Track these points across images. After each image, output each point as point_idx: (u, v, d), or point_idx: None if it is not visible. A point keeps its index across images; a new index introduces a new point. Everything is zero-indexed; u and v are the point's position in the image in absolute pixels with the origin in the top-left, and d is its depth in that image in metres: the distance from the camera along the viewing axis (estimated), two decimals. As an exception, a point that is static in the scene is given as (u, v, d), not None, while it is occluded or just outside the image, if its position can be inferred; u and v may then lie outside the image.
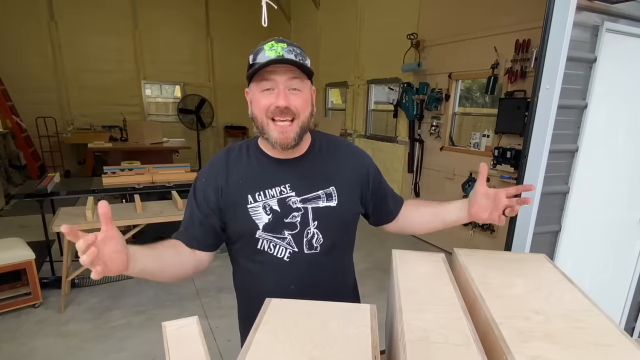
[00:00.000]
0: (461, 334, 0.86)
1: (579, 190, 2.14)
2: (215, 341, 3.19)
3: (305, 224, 1.25)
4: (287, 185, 1.25)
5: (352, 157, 1.37)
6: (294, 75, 1.15)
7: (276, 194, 1.24)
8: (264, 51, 1.15)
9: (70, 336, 3.20)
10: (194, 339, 1.08)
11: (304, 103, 1.18)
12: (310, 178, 1.27)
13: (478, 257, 1.25)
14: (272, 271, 1.28)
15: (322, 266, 1.29)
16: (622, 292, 2.52)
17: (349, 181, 1.32)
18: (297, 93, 1.16)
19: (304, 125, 1.19)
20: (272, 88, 1.15)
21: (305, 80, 1.19)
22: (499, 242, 4.51)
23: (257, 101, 1.18)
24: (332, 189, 1.28)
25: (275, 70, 1.13)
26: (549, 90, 1.85)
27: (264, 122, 1.18)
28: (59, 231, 3.41)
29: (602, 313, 0.92)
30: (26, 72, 8.37)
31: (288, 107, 1.14)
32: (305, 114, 1.19)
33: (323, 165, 1.31)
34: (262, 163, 1.28)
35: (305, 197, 1.25)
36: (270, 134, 1.18)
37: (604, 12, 1.97)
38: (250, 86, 1.22)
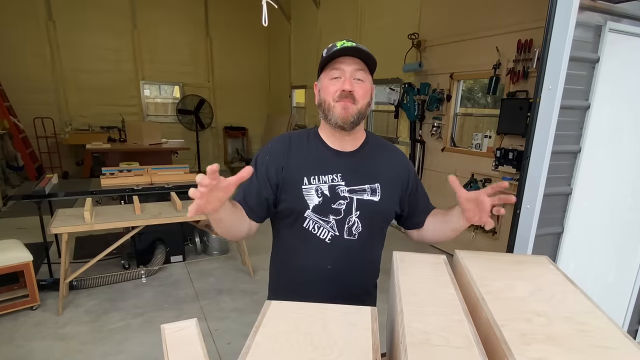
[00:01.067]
0: (462, 337, 0.86)
1: (581, 192, 2.14)
2: (214, 344, 3.19)
3: (348, 212, 1.38)
4: (339, 174, 1.39)
5: (397, 159, 1.52)
6: (359, 67, 1.33)
7: (328, 180, 1.38)
8: (336, 46, 1.32)
9: (68, 339, 3.20)
10: (193, 342, 1.08)
11: (365, 92, 1.34)
12: (360, 172, 1.41)
13: (480, 259, 1.25)
14: (314, 249, 1.40)
15: (357, 252, 1.42)
16: (625, 294, 2.52)
17: (392, 181, 1.46)
18: (360, 83, 1.33)
19: (362, 110, 1.35)
20: (339, 77, 1.32)
21: (368, 74, 1.37)
22: (501, 244, 4.51)
23: (325, 88, 1.35)
24: (377, 185, 1.41)
25: (343, 61, 1.31)
26: (551, 90, 1.86)
27: (330, 104, 1.33)
28: (56, 233, 3.42)
29: (604, 315, 0.92)
30: (24, 73, 8.38)
31: (352, 92, 1.30)
32: (365, 102, 1.35)
33: (372, 163, 1.45)
34: (320, 151, 1.42)
35: (353, 188, 1.39)
36: (334, 112, 1.33)
37: (607, 11, 1.97)
38: (320, 77, 1.39)
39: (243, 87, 10.62)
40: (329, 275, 1.39)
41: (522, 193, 2.03)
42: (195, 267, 4.61)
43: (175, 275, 4.38)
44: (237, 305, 3.76)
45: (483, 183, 4.67)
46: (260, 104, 11.13)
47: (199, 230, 4.97)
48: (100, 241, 4.51)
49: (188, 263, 4.72)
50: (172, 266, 4.60)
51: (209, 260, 4.84)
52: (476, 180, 4.78)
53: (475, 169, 4.87)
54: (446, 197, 5.43)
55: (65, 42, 8.71)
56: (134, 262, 4.52)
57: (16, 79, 8.23)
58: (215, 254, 4.95)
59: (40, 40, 8.50)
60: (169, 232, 4.55)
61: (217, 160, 10.89)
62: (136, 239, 4.35)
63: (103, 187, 4.32)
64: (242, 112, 10.67)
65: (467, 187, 4.83)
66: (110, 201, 5.93)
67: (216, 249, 4.97)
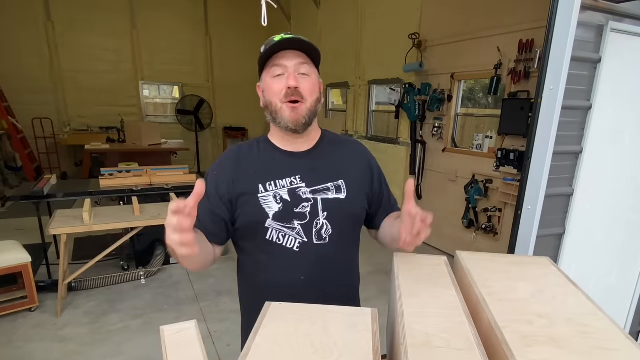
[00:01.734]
0: (463, 339, 0.86)
1: (583, 193, 2.14)
2: (214, 345, 3.18)
3: (314, 215, 1.28)
4: (297, 176, 1.29)
5: (359, 154, 1.44)
6: (302, 61, 1.24)
7: (287, 184, 1.28)
8: (274, 41, 1.23)
9: (67, 340, 3.20)
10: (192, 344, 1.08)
11: (313, 87, 1.26)
12: (320, 170, 1.32)
13: (481, 260, 1.25)
14: (282, 262, 1.29)
15: (330, 257, 1.31)
16: (627, 295, 2.52)
17: (357, 176, 1.37)
18: (306, 78, 1.25)
19: (312, 107, 1.26)
20: (282, 73, 1.23)
21: (313, 67, 1.28)
22: (502, 245, 4.51)
23: (269, 87, 1.27)
24: (341, 182, 1.32)
25: (284, 56, 1.23)
26: (552, 90, 1.86)
27: (277, 106, 1.25)
28: (55, 234, 3.42)
29: (606, 317, 0.92)
30: (22, 73, 8.39)
31: (298, 88, 1.22)
32: (314, 98, 1.27)
33: (332, 159, 1.36)
34: (273, 155, 1.33)
35: (315, 189, 1.29)
36: (282, 115, 1.25)
37: (609, 11, 1.98)
38: (262, 77, 1.31)
39: (243, 87, 10.60)
40: (304, 287, 1.27)
41: (524, 194, 2.03)
42: (195, 269, 4.60)
43: (175, 277, 4.38)
44: (237, 307, 3.70)
45: (484, 184, 4.67)
46: (260, 104, 11.02)
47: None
48: (99, 242, 4.51)
49: (187, 264, 4.71)
50: (171, 267, 4.60)
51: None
52: (477, 181, 4.78)
53: (476, 170, 4.87)
54: (447, 198, 5.46)
55: (64, 42, 8.72)
56: (133, 263, 4.52)
57: (15, 79, 8.24)
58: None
59: (38, 40, 8.51)
60: (168, 233, 4.54)
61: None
62: (135, 240, 4.35)
63: (102, 187, 4.32)
64: (241, 112, 10.66)
65: (469, 187, 4.83)
66: (109, 202, 5.93)
67: (216, 250, 4.96)
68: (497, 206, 4.57)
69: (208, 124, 10.21)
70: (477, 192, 4.75)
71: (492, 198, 4.67)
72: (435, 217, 3.56)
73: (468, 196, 4.87)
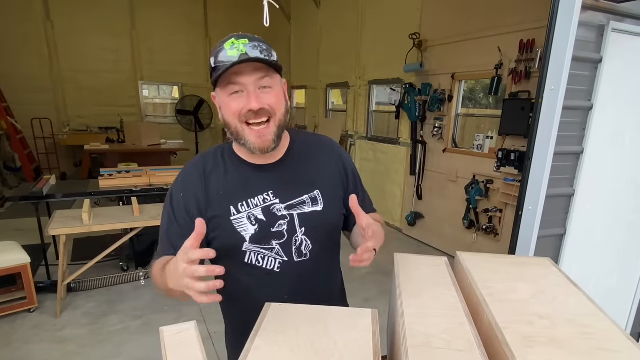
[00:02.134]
0: (464, 339, 0.86)
1: (584, 193, 2.14)
2: (213, 346, 3.18)
3: (292, 232, 1.21)
4: (270, 192, 1.20)
5: (332, 155, 1.33)
6: (262, 75, 1.08)
7: (260, 202, 1.20)
8: (225, 51, 1.06)
9: (66, 341, 3.20)
10: (192, 344, 1.08)
11: (278, 100, 1.13)
12: (293, 183, 1.23)
13: (481, 261, 1.25)
14: (263, 284, 1.23)
15: (313, 272, 1.27)
16: (628, 296, 2.52)
17: (332, 182, 1.29)
18: (269, 91, 1.10)
19: (281, 123, 1.15)
20: (240, 90, 1.08)
21: (275, 76, 1.13)
22: (503, 246, 4.51)
23: (227, 106, 1.11)
24: (316, 192, 1.24)
25: (241, 72, 1.06)
26: (553, 91, 1.86)
27: (239, 128, 1.12)
28: (54, 234, 3.42)
29: (607, 318, 0.92)
30: (21, 73, 8.39)
31: (262, 108, 1.08)
32: (281, 112, 1.14)
33: (305, 168, 1.27)
34: (241, 171, 1.22)
35: (290, 204, 1.21)
36: (247, 139, 1.12)
37: (610, 11, 1.98)
38: (217, 90, 1.14)
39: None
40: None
41: (524, 194, 2.03)
42: (195, 269, 4.59)
43: (174, 278, 4.37)
44: (237, 308, 3.75)
45: (485, 184, 4.67)
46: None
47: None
48: (98, 243, 4.50)
49: (187, 265, 4.71)
50: (171, 268, 4.59)
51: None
52: (478, 182, 4.78)
53: (477, 170, 4.87)
54: (447, 199, 5.46)
55: (63, 42, 8.73)
56: (132, 264, 4.52)
57: (14, 79, 8.25)
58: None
59: (38, 40, 8.52)
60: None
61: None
62: (135, 240, 4.35)
63: (101, 188, 4.32)
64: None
65: (469, 188, 4.83)
66: (109, 202, 5.93)
67: (215, 250, 4.96)
68: (497, 207, 4.57)
69: (208, 125, 10.22)
70: (477, 192, 4.75)
71: (492, 198, 4.67)
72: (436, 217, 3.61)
73: (469, 197, 4.87)
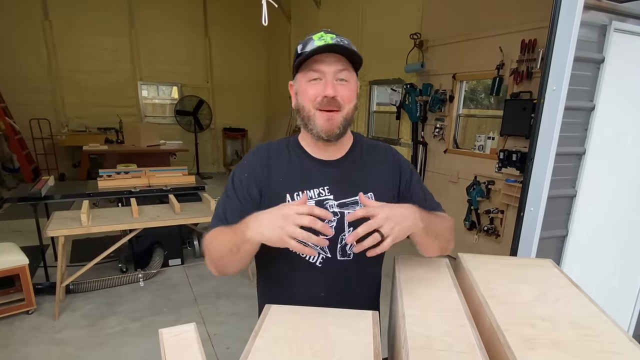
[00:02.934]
0: (465, 341, 0.86)
1: (586, 194, 2.14)
2: (213, 348, 3.18)
3: (340, 230, 1.23)
4: (326, 187, 1.24)
5: (390, 161, 1.35)
6: (342, 67, 1.16)
7: (314, 195, 1.23)
8: (313, 41, 1.15)
9: (65, 343, 3.20)
10: (191, 347, 1.08)
11: (350, 94, 1.18)
12: (350, 182, 1.26)
13: (483, 262, 1.25)
14: (303, 276, 1.25)
15: (353, 274, 1.28)
16: (631, 298, 2.52)
17: (387, 187, 1.31)
18: (345, 84, 1.17)
19: (348, 116, 1.20)
20: (319, 78, 1.16)
21: (352, 72, 1.20)
22: (505, 247, 4.51)
23: (304, 91, 1.19)
24: (370, 195, 1.26)
25: (323, 60, 1.14)
26: (555, 91, 1.86)
27: (311, 112, 1.18)
28: (53, 235, 3.42)
29: (610, 320, 0.92)
30: (20, 73, 8.39)
31: (335, 97, 1.14)
32: (350, 106, 1.20)
33: (363, 170, 1.30)
34: (303, 162, 1.27)
35: (343, 202, 1.24)
36: (316, 123, 1.18)
37: (612, 11, 1.98)
38: (297, 77, 1.23)
39: (242, 87, 10.63)
40: (323, 304, 1.12)
41: (526, 195, 2.03)
42: (194, 271, 4.60)
43: (174, 279, 4.38)
44: (237, 310, 3.76)
45: (486, 185, 4.67)
46: (260, 104, 11.15)
47: (198, 233, 4.97)
48: (97, 244, 4.50)
49: (187, 266, 4.72)
50: (170, 269, 4.60)
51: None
52: (479, 183, 4.78)
53: (478, 171, 4.87)
54: (448, 200, 5.46)
55: (62, 42, 8.72)
56: (131, 265, 4.52)
57: (12, 79, 8.24)
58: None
59: (36, 40, 8.51)
60: (167, 235, 4.55)
61: (216, 162, 10.93)
62: (134, 242, 4.35)
63: (100, 189, 4.32)
64: (241, 113, 10.67)
65: (470, 189, 4.83)
66: (108, 204, 5.93)
67: (215, 252, 4.96)
68: (499, 208, 4.57)
69: (207, 125, 10.22)
70: (479, 193, 4.75)
71: (494, 199, 4.67)
72: (437, 218, 3.46)
73: (470, 198, 4.86)
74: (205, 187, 4.67)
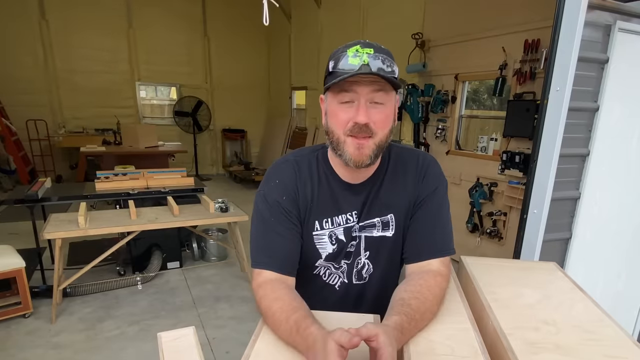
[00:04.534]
0: (468, 346, 0.86)
1: (590, 196, 2.14)
2: (212, 353, 3.18)
3: (357, 254, 1.21)
4: (354, 212, 1.19)
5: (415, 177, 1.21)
6: (378, 88, 1.03)
7: (342, 221, 1.18)
8: (347, 57, 1.02)
9: (62, 347, 3.19)
10: (190, 351, 1.08)
11: (385, 120, 1.06)
12: (372, 203, 1.19)
13: (486, 265, 1.25)
14: (321, 298, 1.24)
15: (369, 296, 1.26)
16: (636, 302, 2.52)
17: (408, 205, 1.20)
18: (379, 107, 1.04)
19: (381, 143, 1.08)
20: (352, 100, 1.03)
21: (391, 92, 1.06)
22: (508, 250, 4.51)
23: (334, 114, 1.07)
24: (390, 216, 1.19)
25: (357, 81, 1.01)
26: (559, 92, 1.86)
27: (341, 138, 1.07)
28: (50, 238, 3.42)
29: (614, 324, 0.92)
30: (16, 73, 8.39)
31: (367, 124, 1.03)
32: (384, 132, 1.07)
33: (385, 190, 1.20)
34: (332, 186, 1.18)
35: (362, 225, 1.19)
36: (345, 150, 1.07)
37: (617, 10, 1.98)
38: (327, 95, 1.10)
39: (242, 88, 10.63)
40: None
41: (529, 197, 2.03)
42: (193, 274, 4.60)
43: (172, 282, 4.38)
44: (236, 313, 3.75)
45: (489, 187, 4.67)
46: (259, 105, 11.14)
47: (197, 236, 4.97)
48: (94, 247, 4.51)
49: (185, 269, 4.72)
50: (168, 272, 4.60)
51: (207, 266, 4.84)
52: (482, 185, 4.78)
53: (481, 173, 4.87)
54: (451, 202, 5.42)
55: (59, 41, 8.71)
56: (129, 268, 4.52)
57: (8, 79, 8.25)
58: (213, 260, 4.94)
59: (32, 39, 8.50)
60: (165, 238, 4.55)
61: (215, 163, 10.94)
62: (132, 244, 4.35)
63: (98, 191, 4.32)
64: (241, 114, 10.67)
65: (473, 191, 4.83)
66: (105, 206, 5.93)
67: (214, 255, 4.97)
68: (502, 210, 4.57)
69: (206, 126, 10.22)
70: (481, 195, 4.74)
71: (497, 202, 4.67)
72: (439, 221, 3.44)
73: (472, 200, 4.86)
74: (204, 189, 4.67)
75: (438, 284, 1.07)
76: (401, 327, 0.89)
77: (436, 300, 1.03)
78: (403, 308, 0.96)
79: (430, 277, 1.08)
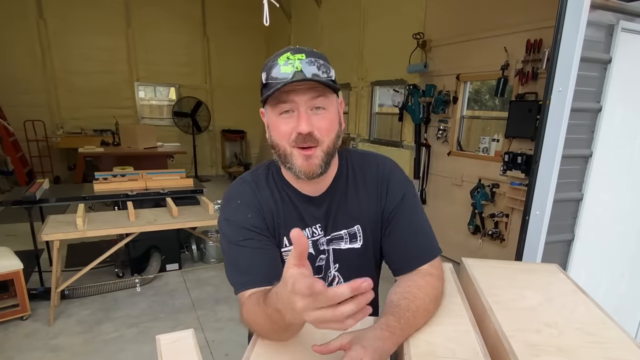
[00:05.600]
0: (469, 348, 0.86)
1: (593, 198, 2.14)
2: (211, 355, 3.18)
3: (327, 268, 1.19)
4: (318, 225, 1.16)
5: (379, 184, 1.18)
6: (317, 94, 1.00)
7: (309, 235, 1.16)
8: (279, 67, 1.00)
9: (60, 350, 3.20)
10: (189, 353, 1.08)
11: (330, 125, 1.04)
12: (337, 214, 1.17)
13: (487, 267, 1.25)
14: None
15: None
16: (638, 304, 2.52)
17: (375, 216, 1.18)
18: (322, 113, 1.02)
19: (329, 150, 1.05)
20: (291, 110, 1.01)
21: (331, 96, 1.05)
22: (509, 252, 4.51)
23: (275, 127, 1.06)
24: (357, 228, 1.17)
25: (293, 90, 0.98)
26: (561, 92, 1.86)
27: (287, 151, 1.04)
28: (48, 240, 3.42)
29: (617, 326, 0.93)
30: (13, 73, 8.39)
31: (311, 132, 1.00)
32: (331, 138, 1.05)
33: (349, 199, 1.17)
34: (293, 200, 1.16)
35: (330, 238, 1.17)
36: (294, 162, 1.04)
37: (620, 10, 1.98)
38: (266, 108, 1.09)
39: (242, 88, 10.61)
40: None
41: (531, 199, 2.03)
42: (192, 276, 4.61)
43: (171, 284, 4.38)
44: (235, 315, 3.75)
45: (491, 188, 4.67)
46: (259, 106, 10.99)
47: (196, 237, 4.97)
48: (93, 249, 4.51)
49: (184, 271, 4.72)
50: (167, 274, 4.60)
51: (206, 268, 4.84)
52: (483, 186, 4.78)
53: (482, 174, 4.87)
54: (452, 203, 5.46)
55: (57, 41, 8.72)
56: (128, 270, 4.52)
57: (5, 80, 8.26)
58: (212, 262, 4.94)
59: (30, 39, 8.51)
60: (164, 239, 4.55)
61: (215, 164, 10.94)
62: (130, 246, 4.35)
63: (96, 192, 4.32)
64: (240, 114, 10.64)
65: (474, 192, 4.83)
66: (104, 207, 5.95)
67: (213, 256, 4.97)
68: (504, 211, 4.57)
69: (206, 127, 10.23)
70: (483, 196, 4.75)
71: (498, 203, 4.67)
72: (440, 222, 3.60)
73: (474, 201, 4.86)
74: (204, 190, 4.67)
75: (429, 283, 1.06)
76: (387, 326, 0.89)
77: (429, 298, 1.01)
78: (391, 309, 0.96)
79: (419, 278, 1.08)
